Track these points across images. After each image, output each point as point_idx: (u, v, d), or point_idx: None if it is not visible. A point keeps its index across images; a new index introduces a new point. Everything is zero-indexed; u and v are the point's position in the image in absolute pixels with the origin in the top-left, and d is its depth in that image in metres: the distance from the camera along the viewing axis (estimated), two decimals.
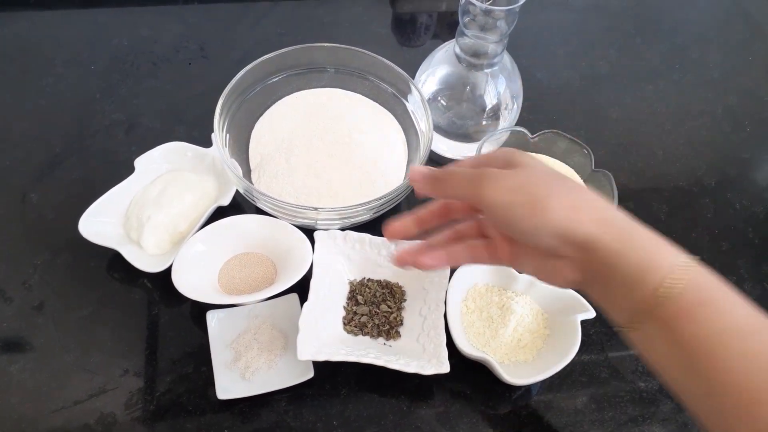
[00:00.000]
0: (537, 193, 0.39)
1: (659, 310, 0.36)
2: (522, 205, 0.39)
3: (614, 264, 0.37)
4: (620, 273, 0.37)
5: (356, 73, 0.70)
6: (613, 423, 0.56)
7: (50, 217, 0.65)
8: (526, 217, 0.39)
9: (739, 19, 0.94)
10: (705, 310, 0.36)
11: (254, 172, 0.65)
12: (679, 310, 0.36)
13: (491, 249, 0.44)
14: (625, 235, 0.38)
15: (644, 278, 0.37)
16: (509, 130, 0.68)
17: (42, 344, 0.57)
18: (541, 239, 0.39)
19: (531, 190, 0.39)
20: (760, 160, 0.77)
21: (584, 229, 0.38)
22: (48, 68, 0.78)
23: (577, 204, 0.38)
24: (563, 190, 0.39)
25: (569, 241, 0.38)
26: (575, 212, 0.38)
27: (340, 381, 0.56)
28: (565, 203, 0.38)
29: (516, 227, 0.39)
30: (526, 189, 0.39)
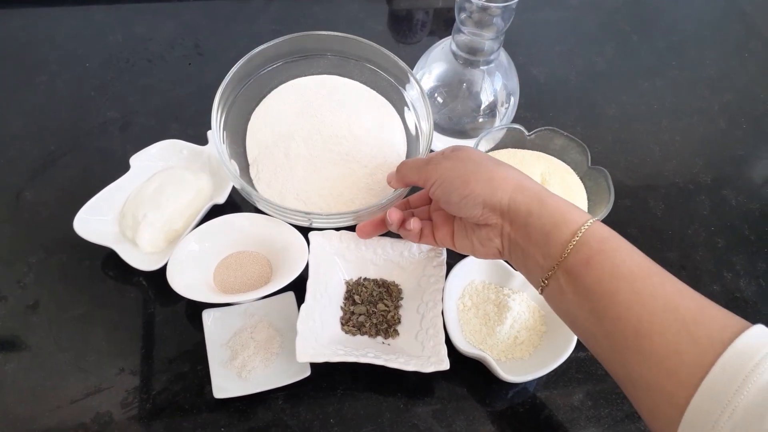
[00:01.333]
0: (466, 170, 0.49)
1: (566, 262, 0.43)
2: (452, 180, 0.49)
3: (529, 224, 0.45)
4: (534, 231, 0.45)
5: (354, 59, 0.68)
6: (610, 419, 0.56)
7: (45, 216, 0.64)
8: (456, 191, 0.48)
9: (734, 17, 0.95)
10: (603, 257, 0.41)
11: (252, 167, 0.64)
12: (581, 259, 0.42)
13: (435, 230, 0.55)
14: (536, 199, 0.45)
15: (554, 233, 0.44)
16: (506, 127, 0.68)
17: (37, 343, 0.57)
18: (469, 209, 0.48)
19: (461, 169, 0.49)
20: (755, 158, 0.77)
21: (501, 195, 0.46)
22: (42, 66, 0.77)
23: (495, 177, 0.47)
24: (487, 167, 0.48)
25: (489, 206, 0.47)
26: (494, 183, 0.47)
27: (336, 379, 0.56)
28: (486, 176, 0.47)
29: (450, 199, 0.49)
30: (459, 168, 0.49)
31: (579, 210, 0.45)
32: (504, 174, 0.47)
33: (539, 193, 0.46)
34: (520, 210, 0.46)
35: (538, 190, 0.46)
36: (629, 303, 0.39)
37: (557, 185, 0.64)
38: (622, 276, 0.40)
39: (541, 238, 0.44)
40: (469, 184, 0.48)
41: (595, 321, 0.41)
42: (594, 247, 0.42)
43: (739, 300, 0.65)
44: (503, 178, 0.47)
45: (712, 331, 0.37)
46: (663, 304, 0.39)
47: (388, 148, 0.65)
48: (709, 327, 0.37)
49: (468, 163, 0.49)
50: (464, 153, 0.51)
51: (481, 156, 0.50)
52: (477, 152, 0.51)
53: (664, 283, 0.40)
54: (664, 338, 0.37)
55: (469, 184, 0.48)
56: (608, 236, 0.43)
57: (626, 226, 0.69)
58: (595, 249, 0.42)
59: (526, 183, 0.47)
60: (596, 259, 0.41)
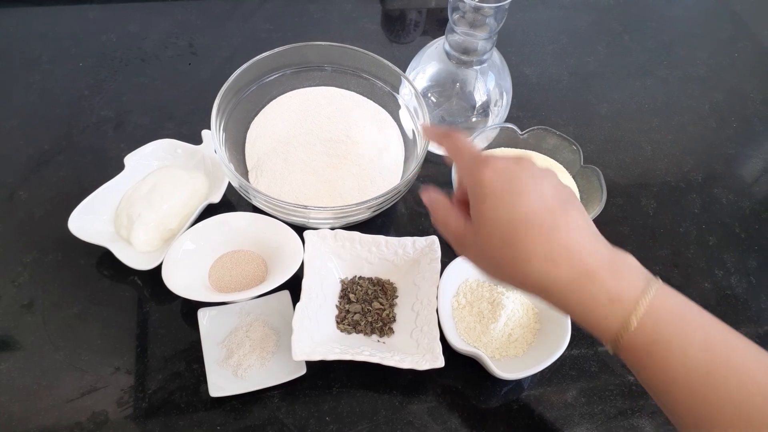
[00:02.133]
0: (496, 252, 0.40)
1: (621, 346, 0.39)
2: (482, 258, 0.42)
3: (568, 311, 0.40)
4: (575, 318, 0.40)
5: (351, 71, 0.70)
6: (603, 416, 0.56)
7: (39, 215, 0.64)
8: (485, 270, 0.43)
9: (724, 16, 0.95)
10: (651, 360, 0.38)
11: (251, 173, 0.65)
12: (635, 349, 0.38)
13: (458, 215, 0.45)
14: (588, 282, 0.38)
15: (595, 332, 0.39)
16: (499, 127, 0.68)
17: (32, 342, 0.57)
18: (513, 284, 0.41)
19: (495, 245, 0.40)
20: (745, 156, 0.78)
21: (556, 281, 0.39)
22: (35, 65, 0.77)
23: (554, 255, 0.38)
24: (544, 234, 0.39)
25: (521, 290, 0.41)
26: (553, 266, 0.39)
27: (332, 377, 0.56)
28: (543, 253, 0.39)
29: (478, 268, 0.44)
30: (493, 241, 0.40)
31: (616, 304, 0.38)
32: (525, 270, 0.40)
33: (568, 295, 0.39)
34: (557, 306, 0.40)
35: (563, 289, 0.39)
36: (689, 406, 0.37)
37: None
38: (675, 382, 0.37)
39: (591, 322, 0.40)
40: (498, 271, 0.42)
41: (658, 401, 0.40)
42: (640, 350, 0.38)
43: (729, 297, 0.65)
44: (525, 278, 0.40)
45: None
46: (731, 406, 0.35)
47: (385, 151, 0.66)
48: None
49: (484, 248, 0.41)
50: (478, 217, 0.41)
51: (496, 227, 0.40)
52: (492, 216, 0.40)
53: (728, 378, 0.36)
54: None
55: (497, 272, 0.42)
56: (660, 329, 0.37)
57: (618, 224, 0.69)
58: (642, 352, 0.38)
59: (550, 281, 0.39)
60: (645, 363, 0.38)
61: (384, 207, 0.61)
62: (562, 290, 0.39)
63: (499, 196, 0.40)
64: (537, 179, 0.40)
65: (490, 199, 0.40)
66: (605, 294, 0.38)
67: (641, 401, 0.57)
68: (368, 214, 0.60)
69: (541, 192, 0.40)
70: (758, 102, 0.84)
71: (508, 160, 0.41)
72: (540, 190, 0.40)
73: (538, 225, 0.39)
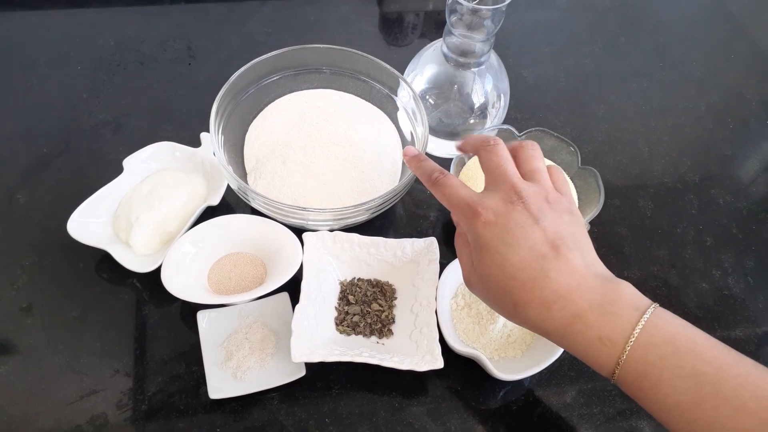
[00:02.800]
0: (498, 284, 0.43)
1: (616, 380, 0.41)
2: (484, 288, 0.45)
3: (564, 344, 0.43)
4: (579, 356, 0.42)
5: (349, 74, 0.70)
6: (602, 417, 0.57)
7: (38, 218, 0.64)
8: (487, 301, 0.46)
9: (720, 18, 0.96)
10: (645, 394, 0.40)
11: (250, 175, 0.65)
12: (629, 382, 0.40)
13: None
14: (580, 324, 0.41)
15: (597, 359, 0.41)
16: (497, 128, 0.68)
17: (31, 346, 0.56)
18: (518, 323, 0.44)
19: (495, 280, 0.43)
20: (742, 157, 0.79)
21: (552, 326, 0.42)
22: (33, 68, 0.77)
23: (548, 302, 0.41)
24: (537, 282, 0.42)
25: (542, 333, 0.43)
26: (547, 312, 0.41)
27: (332, 379, 0.56)
28: (539, 300, 0.41)
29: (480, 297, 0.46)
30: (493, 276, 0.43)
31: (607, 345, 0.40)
32: (526, 314, 0.42)
33: (565, 334, 0.42)
34: (551, 334, 0.43)
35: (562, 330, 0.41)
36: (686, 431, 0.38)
37: None
38: (670, 410, 0.39)
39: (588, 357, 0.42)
40: (503, 312, 0.45)
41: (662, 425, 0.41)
42: (634, 386, 0.40)
43: (727, 297, 0.66)
44: (526, 320, 0.43)
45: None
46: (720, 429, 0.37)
47: (384, 153, 0.67)
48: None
49: (487, 291, 0.45)
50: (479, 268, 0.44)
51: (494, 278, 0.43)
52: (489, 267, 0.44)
53: (717, 404, 0.37)
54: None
55: (503, 312, 0.45)
56: (647, 367, 0.39)
57: (616, 225, 0.70)
58: (636, 387, 0.40)
59: (548, 323, 0.42)
60: (640, 395, 0.40)
61: (383, 209, 0.61)
62: (559, 333, 0.42)
63: (492, 249, 0.43)
64: (527, 227, 0.43)
65: (484, 251, 0.43)
66: (596, 335, 0.40)
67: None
68: (367, 215, 0.61)
69: (531, 240, 0.42)
70: (754, 103, 0.84)
71: (500, 205, 0.44)
72: (530, 237, 0.42)
73: (530, 275, 0.41)
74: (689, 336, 0.40)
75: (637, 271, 0.66)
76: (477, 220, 0.44)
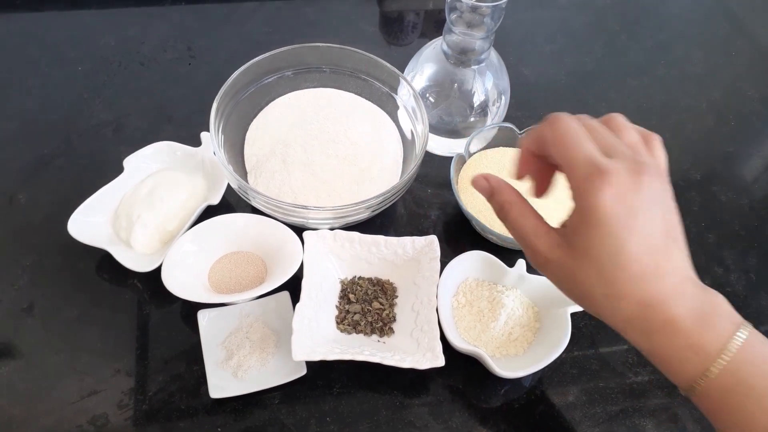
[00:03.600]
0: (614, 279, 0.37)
1: (695, 392, 0.37)
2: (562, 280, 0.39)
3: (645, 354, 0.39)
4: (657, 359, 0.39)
5: (349, 73, 0.70)
6: (604, 415, 0.56)
7: (38, 218, 0.64)
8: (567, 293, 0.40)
9: (721, 15, 0.96)
10: (737, 396, 0.36)
11: (250, 174, 0.65)
12: (711, 396, 0.37)
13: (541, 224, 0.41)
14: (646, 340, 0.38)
15: (674, 378, 0.38)
16: (497, 126, 0.68)
17: (31, 346, 0.56)
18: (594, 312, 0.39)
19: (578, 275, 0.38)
20: (744, 154, 0.78)
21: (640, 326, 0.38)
22: (34, 69, 0.77)
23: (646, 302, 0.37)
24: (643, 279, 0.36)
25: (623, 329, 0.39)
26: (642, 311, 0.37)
27: (333, 378, 0.56)
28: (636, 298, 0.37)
29: None
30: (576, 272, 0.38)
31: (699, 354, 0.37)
32: (613, 307, 0.38)
33: (652, 336, 0.38)
34: (638, 346, 0.39)
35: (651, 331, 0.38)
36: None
37: None
38: (754, 427, 0.36)
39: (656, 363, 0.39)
40: (582, 298, 0.39)
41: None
42: (716, 400, 0.37)
43: (730, 294, 0.65)
44: (611, 314, 0.38)
45: None
46: None
47: (384, 151, 0.66)
48: None
49: (575, 277, 0.38)
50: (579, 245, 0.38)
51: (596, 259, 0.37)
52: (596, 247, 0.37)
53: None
54: None
55: (581, 299, 0.40)
56: (736, 382, 0.36)
57: None
58: (717, 403, 0.37)
59: (638, 321, 0.38)
60: (720, 412, 0.37)
61: (383, 207, 0.61)
62: (644, 333, 0.38)
63: (612, 227, 0.36)
64: (653, 206, 0.37)
65: (602, 227, 0.36)
66: (687, 343, 0.37)
67: (642, 400, 0.57)
68: (367, 214, 0.61)
69: (651, 225, 0.36)
70: (756, 100, 0.84)
71: (631, 174, 0.36)
72: (651, 223, 0.36)
73: (640, 269, 0.36)
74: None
75: None
76: (607, 186, 0.35)
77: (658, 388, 0.58)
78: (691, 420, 0.56)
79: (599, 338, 0.61)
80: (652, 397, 0.58)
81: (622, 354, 0.60)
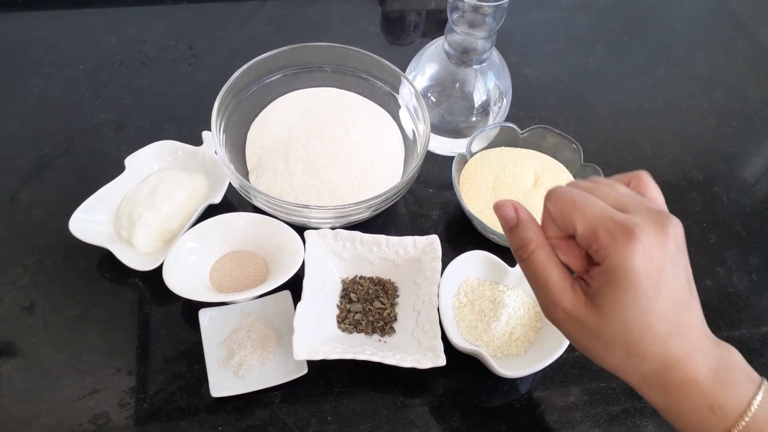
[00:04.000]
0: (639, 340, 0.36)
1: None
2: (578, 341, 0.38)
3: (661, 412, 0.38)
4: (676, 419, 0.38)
5: (351, 72, 0.70)
6: (605, 415, 0.56)
7: (40, 217, 0.64)
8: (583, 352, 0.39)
9: (723, 16, 0.96)
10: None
11: (252, 173, 0.65)
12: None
13: None
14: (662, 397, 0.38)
15: (700, 427, 0.37)
16: (499, 126, 0.68)
17: (32, 345, 0.56)
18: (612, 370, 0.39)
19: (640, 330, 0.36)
20: (745, 155, 0.78)
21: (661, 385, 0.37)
22: (36, 68, 0.77)
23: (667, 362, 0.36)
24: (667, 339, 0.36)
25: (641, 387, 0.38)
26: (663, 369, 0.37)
27: (333, 377, 0.56)
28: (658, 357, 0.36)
29: None
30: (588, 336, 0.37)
31: (717, 415, 0.36)
32: (634, 365, 0.37)
33: (670, 392, 0.37)
34: (653, 404, 0.39)
35: (670, 387, 0.37)
36: None
37: (550, 183, 0.65)
38: None
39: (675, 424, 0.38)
40: (601, 357, 0.38)
41: None
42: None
43: (731, 295, 0.65)
44: (630, 372, 0.38)
45: None
46: None
47: (386, 151, 0.66)
48: None
49: (598, 333, 0.37)
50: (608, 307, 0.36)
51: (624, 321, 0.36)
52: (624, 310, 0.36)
53: None
54: None
55: (600, 357, 0.38)
56: None
57: None
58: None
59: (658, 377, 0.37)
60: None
61: (384, 206, 0.61)
62: (663, 392, 0.37)
63: (640, 290, 0.35)
64: (679, 258, 0.36)
65: (633, 289, 0.35)
66: (707, 403, 0.36)
67: (643, 401, 0.57)
68: (369, 213, 0.60)
69: (677, 280, 0.36)
70: (758, 100, 0.84)
71: (656, 228, 0.35)
72: (677, 278, 0.36)
73: (667, 329, 0.36)
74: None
75: None
76: (637, 248, 0.34)
77: None
78: None
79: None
80: None
81: None
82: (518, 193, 0.64)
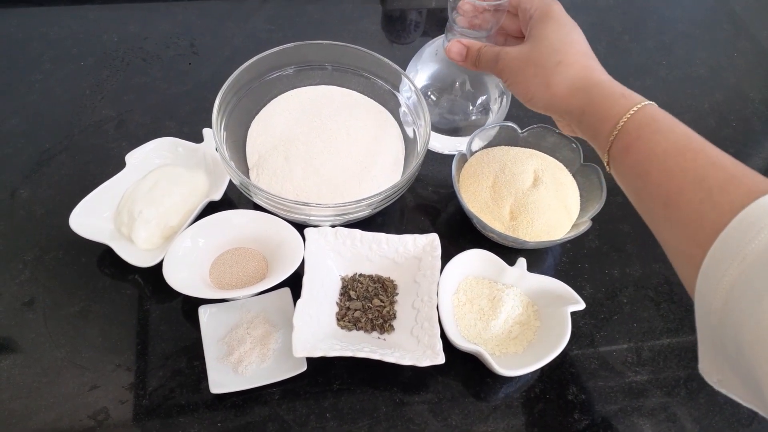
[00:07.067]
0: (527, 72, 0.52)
1: (611, 151, 0.47)
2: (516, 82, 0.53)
3: (582, 121, 0.49)
4: (587, 128, 0.49)
5: (352, 70, 0.70)
6: (603, 413, 0.56)
7: (40, 213, 0.64)
8: (520, 94, 0.53)
9: (724, 16, 0.96)
10: (639, 143, 0.44)
11: (252, 171, 0.65)
12: (622, 147, 0.45)
13: None
14: (587, 99, 0.49)
15: (601, 128, 0.47)
16: (498, 125, 0.68)
17: (32, 340, 0.57)
18: (534, 108, 0.53)
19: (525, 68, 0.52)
20: (745, 155, 0.78)
21: (558, 102, 0.50)
22: (37, 65, 0.77)
23: (553, 82, 0.50)
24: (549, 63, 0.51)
25: (550, 110, 0.53)
26: (551, 89, 0.50)
27: (333, 374, 0.56)
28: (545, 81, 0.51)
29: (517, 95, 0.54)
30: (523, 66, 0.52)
31: (626, 99, 0.47)
32: (563, 73, 0.50)
33: (591, 89, 0.49)
34: (574, 112, 0.50)
35: (591, 85, 0.49)
36: (660, 180, 0.42)
37: (550, 182, 0.65)
38: (655, 156, 0.43)
39: (592, 133, 0.49)
40: (530, 89, 0.52)
41: (636, 199, 0.46)
42: (632, 134, 0.45)
43: None
44: (560, 81, 0.50)
45: (736, 196, 0.37)
46: (692, 177, 0.40)
47: (386, 149, 0.67)
48: (733, 193, 0.38)
49: (532, 56, 0.52)
50: (539, 34, 0.52)
51: (552, 40, 0.51)
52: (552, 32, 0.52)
53: (696, 157, 0.41)
54: (689, 207, 0.40)
55: (529, 90, 0.52)
56: (648, 121, 0.45)
57: (619, 222, 0.69)
58: (634, 136, 0.44)
59: (582, 80, 0.49)
60: (634, 145, 0.44)
61: (384, 204, 0.61)
62: (588, 92, 0.48)
63: (563, 21, 0.52)
64: None
65: (556, 21, 0.52)
66: (618, 92, 0.47)
67: (641, 399, 0.58)
68: (369, 211, 0.61)
69: (581, 33, 0.52)
70: (757, 101, 0.84)
71: None
72: (581, 32, 0.53)
73: (583, 49, 0.51)
74: None
75: (639, 269, 0.66)
76: (555, 4, 0.53)
77: (657, 388, 0.58)
78: (690, 420, 0.56)
79: (599, 337, 0.61)
80: (651, 396, 0.58)
81: (622, 353, 0.60)
82: (518, 192, 0.64)
